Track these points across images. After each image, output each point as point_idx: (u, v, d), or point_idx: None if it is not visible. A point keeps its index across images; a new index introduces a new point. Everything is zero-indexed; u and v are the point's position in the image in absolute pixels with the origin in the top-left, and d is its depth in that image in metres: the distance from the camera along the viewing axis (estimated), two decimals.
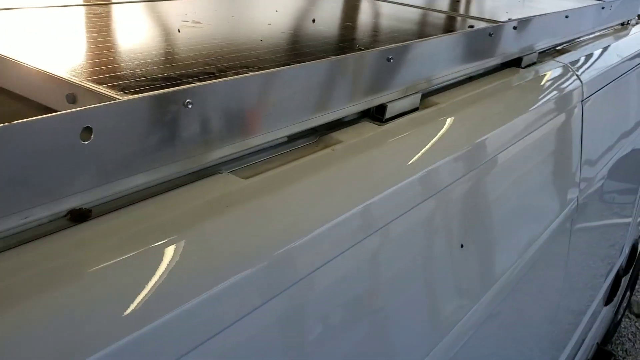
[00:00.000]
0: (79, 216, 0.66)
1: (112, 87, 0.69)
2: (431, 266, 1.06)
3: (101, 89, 0.67)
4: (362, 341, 0.87)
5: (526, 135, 1.38)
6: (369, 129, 1.04)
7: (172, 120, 0.67)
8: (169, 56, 0.87)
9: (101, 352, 0.52)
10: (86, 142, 0.59)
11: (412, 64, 1.10)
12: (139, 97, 0.64)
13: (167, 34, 0.98)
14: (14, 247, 0.59)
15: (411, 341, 1.02)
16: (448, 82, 1.31)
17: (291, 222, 0.75)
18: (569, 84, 1.68)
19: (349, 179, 0.89)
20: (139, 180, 0.67)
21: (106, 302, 0.56)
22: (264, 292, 0.68)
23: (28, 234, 0.61)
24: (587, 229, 2.04)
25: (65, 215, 0.65)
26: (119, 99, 0.63)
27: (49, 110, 0.71)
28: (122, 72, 0.76)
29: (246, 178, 0.79)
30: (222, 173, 0.79)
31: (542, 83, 1.60)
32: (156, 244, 0.64)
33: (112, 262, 0.60)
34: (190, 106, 0.68)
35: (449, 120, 1.18)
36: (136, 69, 0.79)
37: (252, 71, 0.81)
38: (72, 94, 0.67)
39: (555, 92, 1.60)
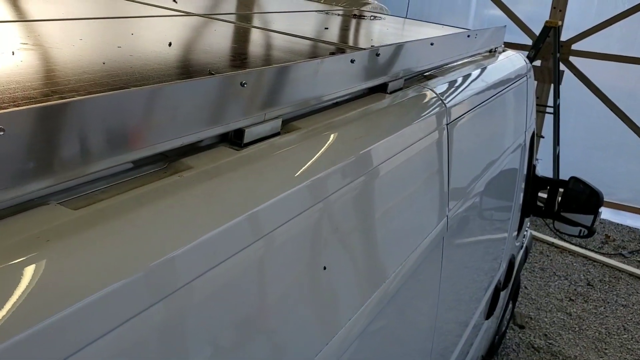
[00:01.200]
0: None
1: None
2: (293, 290, 1.04)
3: None
4: None
5: (391, 158, 1.42)
6: (224, 154, 1.02)
7: None
8: None
9: None
10: None
11: (268, 88, 1.09)
12: None
13: (6, 54, 0.91)
14: None
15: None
16: (311, 108, 1.31)
17: (122, 257, 0.71)
18: (434, 109, 1.75)
19: (196, 207, 0.86)
20: None
21: None
22: (79, 341, 0.62)
23: None
24: (460, 246, 2.13)
25: None
26: None
27: None
28: None
29: (76, 209, 0.74)
30: (48, 204, 0.74)
31: (407, 108, 1.65)
32: None
33: None
34: (1, 133, 0.63)
35: (310, 145, 1.19)
36: None
37: (80, 95, 0.77)
38: None
39: (420, 116, 1.67)
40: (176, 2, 1.94)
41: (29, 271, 0.63)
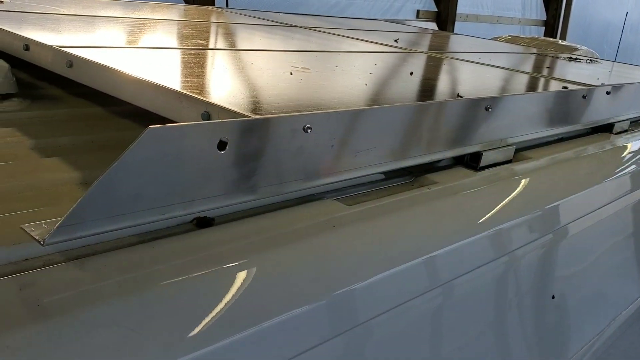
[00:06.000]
0: (203, 223, 0.72)
1: (242, 109, 0.76)
2: (512, 318, 1.05)
3: (234, 108, 0.75)
4: None
5: (614, 202, 1.37)
6: (463, 174, 1.07)
7: (294, 141, 0.73)
8: (287, 91, 0.95)
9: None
10: (222, 152, 0.66)
11: (508, 115, 1.13)
12: (269, 117, 0.70)
13: (283, 75, 1.07)
14: (148, 242, 0.65)
15: None
16: (541, 139, 1.33)
17: (391, 250, 0.79)
18: None
19: (444, 218, 0.92)
20: (259, 194, 0.73)
21: (217, 300, 0.60)
22: (363, 309, 0.71)
23: (159, 233, 0.67)
24: None
25: (191, 221, 0.72)
26: (250, 117, 0.70)
27: None
28: (249, 99, 0.85)
29: (350, 205, 0.84)
30: (327, 199, 0.84)
31: (635, 151, 1.58)
32: (270, 254, 0.68)
33: (227, 266, 0.65)
34: (309, 131, 0.74)
35: (542, 177, 1.20)
36: (261, 97, 0.87)
37: (360, 106, 0.88)
38: (207, 112, 0.75)
39: None
40: (397, 42, 2.07)
41: (323, 247, 0.73)
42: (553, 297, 1.12)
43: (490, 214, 0.99)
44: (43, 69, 1.17)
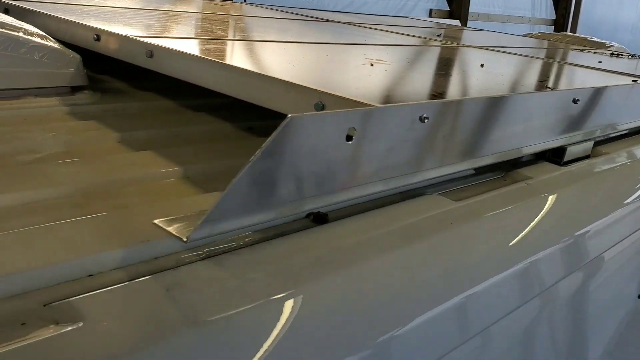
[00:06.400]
0: (319, 219, 0.68)
1: (360, 99, 0.72)
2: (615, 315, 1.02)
3: (351, 97, 0.70)
4: None
5: None
6: (551, 169, 1.03)
7: (411, 131, 0.69)
8: (382, 81, 0.91)
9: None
10: (349, 143, 0.62)
11: (593, 108, 1.09)
12: (393, 106, 0.66)
13: (365, 67, 1.03)
14: (271, 239, 0.61)
15: None
16: (614, 133, 1.29)
17: (517, 244, 0.76)
18: None
19: (557, 211, 0.89)
20: (380, 187, 0.69)
21: (371, 295, 0.57)
22: (497, 305, 0.67)
23: (279, 229, 0.63)
24: None
25: (307, 217, 0.68)
26: (376, 106, 0.66)
27: None
28: (355, 89, 0.80)
29: (456, 201, 0.80)
30: (431, 195, 0.80)
31: None
32: (389, 251, 0.64)
33: (368, 262, 0.61)
34: (426, 120, 0.70)
35: (628, 171, 1.17)
36: (364, 87, 0.83)
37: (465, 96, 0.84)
38: (321, 102, 0.71)
39: None
40: (439, 37, 2.03)
41: (447, 243, 0.69)
42: (639, 296, 1.08)
43: (598, 205, 0.96)
44: (102, 62, 1.14)
